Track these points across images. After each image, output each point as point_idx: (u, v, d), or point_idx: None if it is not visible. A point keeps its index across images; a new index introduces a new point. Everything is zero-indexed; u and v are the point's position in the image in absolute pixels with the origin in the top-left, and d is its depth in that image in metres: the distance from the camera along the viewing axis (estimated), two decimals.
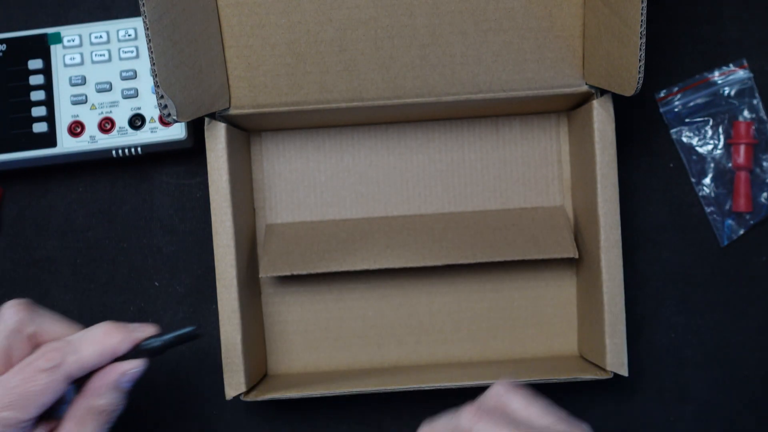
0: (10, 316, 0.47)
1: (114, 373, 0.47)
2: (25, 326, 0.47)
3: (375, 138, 0.63)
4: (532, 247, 0.59)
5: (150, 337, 0.49)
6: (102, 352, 0.47)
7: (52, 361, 0.45)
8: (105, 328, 0.48)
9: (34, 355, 0.46)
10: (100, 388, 0.47)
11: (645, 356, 0.63)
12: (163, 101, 0.50)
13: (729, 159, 0.63)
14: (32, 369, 0.45)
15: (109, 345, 0.47)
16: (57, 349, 0.46)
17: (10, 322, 0.47)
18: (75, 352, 0.46)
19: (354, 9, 0.55)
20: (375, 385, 0.56)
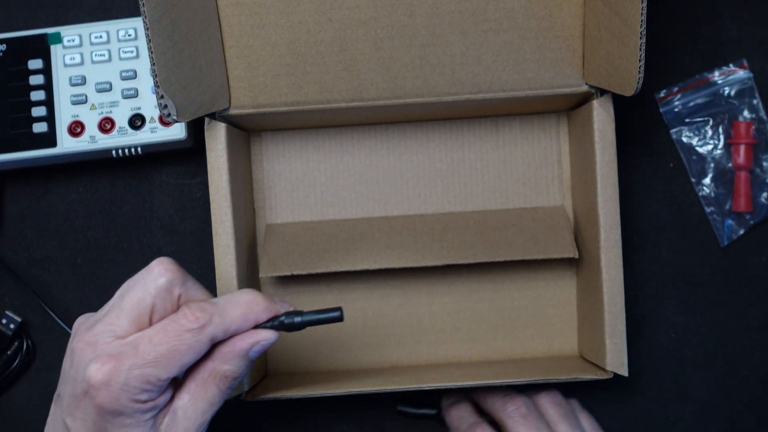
0: (160, 273, 0.46)
1: (248, 342, 0.47)
2: (174, 287, 0.46)
3: (375, 138, 0.63)
4: (532, 247, 0.59)
5: (288, 313, 0.48)
6: (246, 318, 0.46)
7: (198, 322, 0.45)
8: (251, 295, 0.47)
9: (180, 314, 0.45)
10: (230, 353, 0.46)
11: (645, 356, 0.63)
12: (163, 101, 0.50)
13: (729, 159, 0.63)
14: (178, 328, 0.44)
15: (253, 312, 0.47)
16: (204, 309, 0.45)
17: (161, 281, 0.46)
18: (221, 315, 0.46)
19: (354, 9, 0.55)
20: (375, 385, 0.56)
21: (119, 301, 0.46)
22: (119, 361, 0.43)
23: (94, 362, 0.43)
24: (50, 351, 0.63)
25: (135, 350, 0.44)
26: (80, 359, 0.45)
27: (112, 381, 0.43)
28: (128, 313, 0.45)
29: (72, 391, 0.45)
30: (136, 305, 0.45)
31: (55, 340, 0.63)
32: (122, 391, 0.43)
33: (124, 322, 0.45)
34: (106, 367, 0.43)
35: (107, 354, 0.44)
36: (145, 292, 0.45)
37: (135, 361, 0.43)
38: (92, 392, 0.43)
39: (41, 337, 0.63)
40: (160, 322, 0.45)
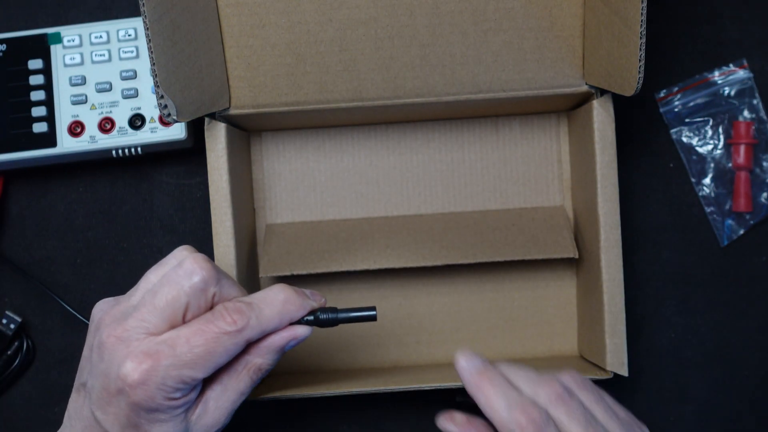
0: (194, 271, 0.45)
1: (284, 338, 0.47)
2: (209, 286, 0.45)
3: (375, 138, 0.63)
4: (532, 247, 0.59)
5: (323, 308, 0.48)
6: (282, 318, 0.46)
7: (236, 325, 0.44)
8: (285, 293, 0.47)
9: (217, 314, 0.45)
10: (266, 349, 0.47)
11: (645, 356, 0.63)
12: (163, 101, 0.50)
13: (729, 159, 0.63)
14: (216, 330, 0.44)
15: (288, 311, 0.47)
16: (241, 311, 0.45)
17: (196, 279, 0.45)
18: (257, 316, 0.45)
19: (354, 9, 0.55)
20: (375, 385, 0.56)
21: (151, 297, 0.45)
22: (156, 360, 0.43)
23: (130, 360, 0.43)
24: (50, 351, 0.63)
25: (172, 350, 0.43)
26: (112, 355, 0.44)
27: (149, 381, 0.43)
28: (162, 311, 0.44)
29: (103, 386, 0.44)
30: (170, 303, 0.45)
31: (55, 340, 0.63)
32: (158, 390, 0.43)
33: (157, 319, 0.44)
34: (143, 367, 0.43)
35: (143, 352, 0.43)
36: (179, 291, 0.45)
37: (172, 361, 0.43)
38: (128, 390, 0.43)
39: (41, 337, 0.63)
40: (197, 322, 0.45)
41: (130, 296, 0.47)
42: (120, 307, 0.46)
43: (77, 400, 0.47)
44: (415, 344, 0.62)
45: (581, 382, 0.47)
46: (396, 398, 0.62)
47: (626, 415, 0.48)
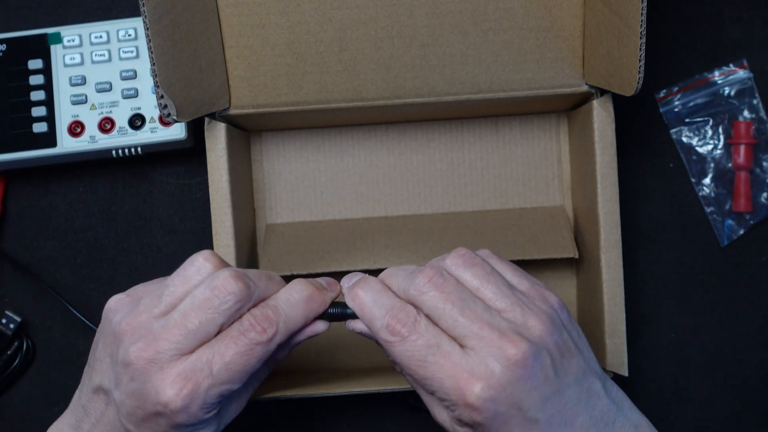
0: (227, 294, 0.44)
1: (306, 335, 0.48)
2: (244, 306, 0.45)
3: (375, 138, 0.63)
4: (532, 247, 0.59)
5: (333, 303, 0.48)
6: (306, 318, 0.47)
7: (266, 334, 0.44)
8: (307, 291, 0.47)
9: (246, 325, 0.45)
10: (289, 345, 0.48)
11: (645, 356, 0.63)
12: (163, 101, 0.50)
13: (729, 159, 0.63)
14: (248, 342, 0.44)
15: (312, 310, 0.47)
16: (270, 320, 0.45)
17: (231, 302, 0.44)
18: (285, 321, 0.46)
19: (354, 9, 0.55)
20: (375, 385, 0.56)
21: (182, 318, 0.44)
22: (196, 383, 0.43)
23: (170, 387, 0.43)
24: (50, 351, 0.63)
25: (210, 370, 0.43)
26: (146, 378, 0.44)
27: (192, 404, 0.43)
28: (195, 334, 0.44)
29: (137, 405, 0.44)
30: (204, 326, 0.44)
31: (55, 340, 0.63)
32: (200, 410, 0.44)
33: (189, 341, 0.44)
34: (185, 392, 0.43)
35: (181, 376, 0.43)
36: (214, 314, 0.44)
37: (211, 382, 0.43)
38: (169, 414, 0.43)
39: (41, 337, 0.63)
40: (229, 335, 0.44)
41: (152, 306, 0.46)
42: (142, 318, 0.45)
43: (96, 401, 0.47)
44: None
45: (468, 259, 0.46)
46: (396, 398, 0.62)
47: (530, 288, 0.46)
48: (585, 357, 0.45)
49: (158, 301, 0.46)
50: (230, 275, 0.45)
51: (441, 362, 0.43)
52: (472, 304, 0.44)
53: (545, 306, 0.45)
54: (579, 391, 0.44)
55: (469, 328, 0.43)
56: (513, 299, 0.44)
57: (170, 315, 0.44)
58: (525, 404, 0.42)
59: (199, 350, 0.44)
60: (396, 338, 0.44)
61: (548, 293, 0.46)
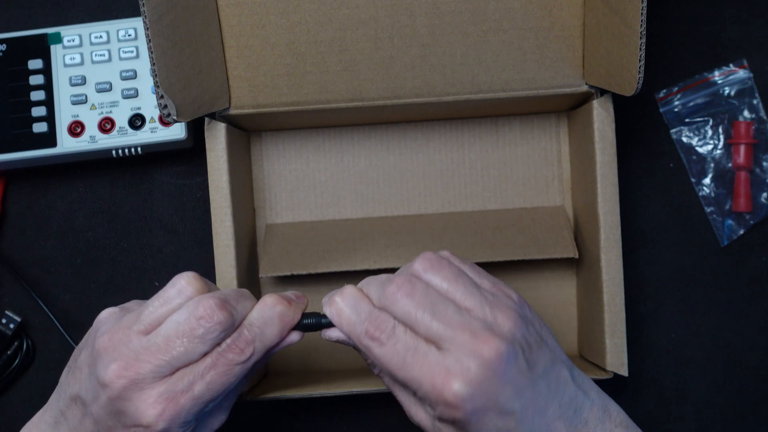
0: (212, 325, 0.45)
1: (280, 347, 0.49)
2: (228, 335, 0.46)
3: (375, 138, 0.63)
4: (532, 247, 0.59)
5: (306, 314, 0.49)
6: (282, 333, 0.48)
7: (244, 354, 0.46)
8: (279, 308, 0.48)
9: (225, 346, 0.46)
10: (265, 357, 0.48)
11: (645, 356, 0.63)
12: (163, 101, 0.50)
13: (729, 159, 0.63)
14: (227, 362, 0.46)
15: (285, 325, 0.48)
16: (248, 342, 0.46)
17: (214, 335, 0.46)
18: (262, 340, 0.47)
19: (354, 9, 0.55)
20: (375, 385, 0.56)
21: (166, 344, 0.45)
22: (177, 404, 0.45)
23: (151, 408, 0.44)
24: (50, 351, 0.63)
25: (190, 390, 0.45)
26: (125, 398, 0.45)
27: (173, 424, 0.45)
28: (177, 359, 0.45)
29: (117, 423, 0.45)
30: (186, 354, 0.45)
31: (55, 340, 0.63)
32: (181, 428, 0.45)
33: (173, 366, 0.45)
34: (167, 413, 0.44)
35: (163, 397, 0.45)
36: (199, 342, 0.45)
37: (192, 401, 0.45)
38: None
39: (41, 337, 0.63)
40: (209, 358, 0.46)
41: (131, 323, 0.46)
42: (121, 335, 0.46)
43: (74, 409, 0.48)
44: None
45: (435, 262, 0.47)
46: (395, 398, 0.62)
47: (492, 286, 0.47)
48: (550, 346, 0.47)
49: (137, 320, 0.46)
50: (216, 305, 0.46)
51: (419, 363, 0.44)
52: (443, 307, 0.45)
53: (509, 302, 0.47)
54: (548, 380, 0.46)
55: (442, 331, 0.44)
56: (481, 298, 0.46)
57: (152, 337, 0.45)
58: (501, 398, 0.43)
59: (180, 372, 0.45)
60: (375, 343, 0.45)
61: (509, 290, 0.48)
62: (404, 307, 0.45)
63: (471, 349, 0.43)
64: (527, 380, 0.45)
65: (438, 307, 0.45)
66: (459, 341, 0.44)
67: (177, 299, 0.47)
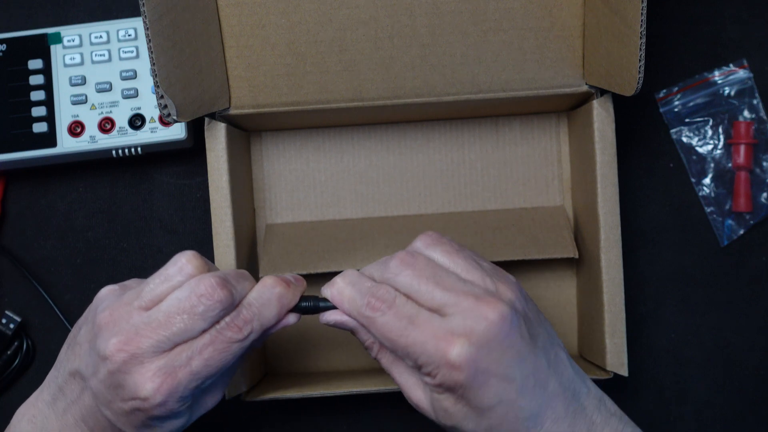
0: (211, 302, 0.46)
1: (277, 328, 0.49)
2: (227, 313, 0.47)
3: (375, 138, 0.63)
4: (532, 247, 0.59)
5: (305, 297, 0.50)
6: (280, 314, 0.49)
7: (242, 333, 0.46)
8: (278, 288, 0.48)
9: (224, 324, 0.46)
10: (262, 337, 0.49)
11: (645, 356, 0.63)
12: (163, 101, 0.50)
13: (729, 159, 0.63)
14: (225, 340, 0.46)
15: (284, 306, 0.49)
16: (246, 320, 0.47)
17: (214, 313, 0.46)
18: (260, 319, 0.47)
19: (354, 9, 0.55)
20: (375, 385, 0.56)
21: (165, 319, 0.45)
22: (175, 379, 0.45)
23: (150, 382, 0.45)
24: (50, 351, 0.63)
25: (188, 366, 0.45)
26: (125, 371, 0.45)
27: (170, 398, 0.45)
28: (176, 335, 0.45)
29: (116, 396, 0.46)
30: (185, 330, 0.46)
31: (55, 340, 0.63)
32: (177, 403, 0.46)
33: (173, 342, 0.46)
34: (164, 387, 0.45)
35: (161, 371, 0.45)
36: (199, 319, 0.46)
37: (190, 377, 0.45)
38: (147, 407, 0.45)
39: (41, 337, 0.63)
40: (208, 335, 0.46)
41: (132, 299, 0.47)
42: (122, 311, 0.46)
43: (73, 384, 0.48)
44: None
45: (436, 238, 0.48)
46: (396, 398, 0.62)
47: (490, 265, 0.48)
48: (548, 329, 0.48)
49: (138, 296, 0.47)
50: (216, 284, 0.46)
51: (421, 327, 0.45)
52: (446, 276, 0.46)
53: (509, 278, 0.48)
54: (548, 356, 0.46)
55: (446, 297, 0.45)
56: (482, 272, 0.47)
57: (153, 313, 0.46)
58: (503, 361, 0.44)
59: (178, 348, 0.46)
60: (377, 313, 0.46)
61: (507, 273, 0.49)
62: (406, 278, 0.46)
63: (475, 312, 0.44)
64: (529, 348, 0.45)
65: (441, 276, 0.46)
66: (463, 305, 0.44)
67: (177, 277, 0.47)
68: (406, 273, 0.46)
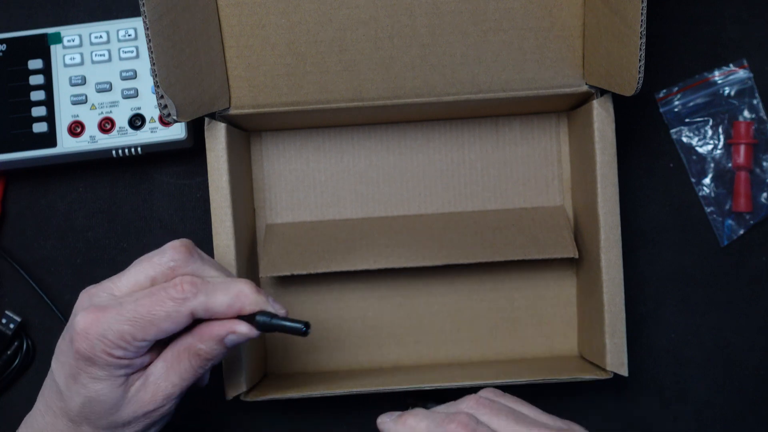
0: (168, 253, 0.48)
1: (224, 328, 0.48)
2: (179, 268, 0.48)
3: (375, 138, 0.63)
4: (532, 247, 0.59)
5: (267, 313, 0.49)
6: (231, 306, 0.48)
7: (183, 293, 0.46)
8: (243, 286, 0.48)
9: (171, 283, 0.47)
10: (207, 334, 0.48)
11: (645, 356, 0.63)
12: (163, 101, 0.50)
13: (729, 159, 0.63)
14: (163, 294, 0.46)
15: (239, 302, 0.48)
16: (194, 284, 0.47)
17: (165, 259, 0.48)
18: (207, 294, 0.47)
19: (354, 9, 0.55)
20: (375, 385, 0.56)
21: (128, 269, 0.49)
22: (102, 313, 0.46)
23: (83, 312, 0.46)
24: (50, 351, 0.63)
25: (119, 307, 0.46)
26: (76, 308, 0.48)
27: (91, 330, 0.46)
28: (129, 278, 0.48)
29: (63, 337, 0.48)
30: (138, 273, 0.48)
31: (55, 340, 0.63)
32: (98, 341, 0.46)
33: (124, 284, 0.47)
34: (89, 317, 0.46)
35: (96, 306, 0.47)
36: (149, 266, 0.48)
37: (116, 317, 0.46)
38: (75, 338, 0.46)
39: (41, 337, 0.63)
40: (152, 287, 0.47)
41: None
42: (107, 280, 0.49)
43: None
44: (415, 344, 0.62)
45: (500, 392, 0.49)
46: (396, 398, 0.62)
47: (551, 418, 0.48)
48: None
49: None
50: (182, 243, 0.48)
51: None
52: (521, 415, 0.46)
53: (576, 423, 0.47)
54: None
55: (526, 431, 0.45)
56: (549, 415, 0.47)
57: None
58: None
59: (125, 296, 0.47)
60: None
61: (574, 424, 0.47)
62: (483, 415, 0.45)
63: None
64: None
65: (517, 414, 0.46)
66: None
67: None
68: (483, 411, 0.45)
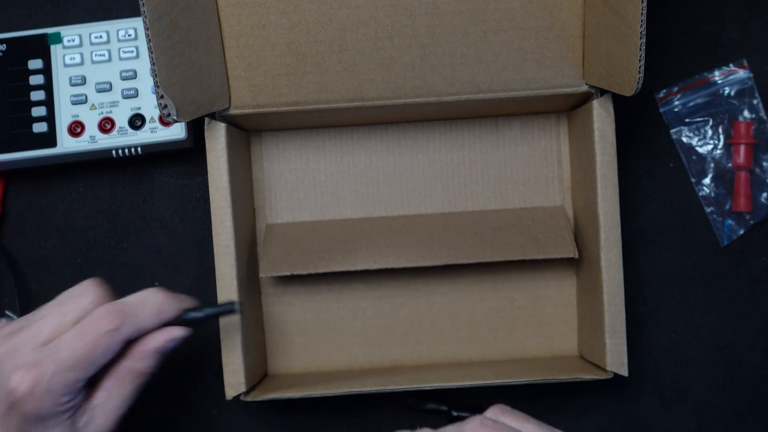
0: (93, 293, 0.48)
1: (161, 339, 0.49)
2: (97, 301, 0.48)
3: (375, 138, 0.63)
4: (532, 247, 0.59)
5: (191, 309, 0.50)
6: (157, 318, 0.49)
7: (113, 323, 0.46)
8: (159, 294, 0.49)
9: (96, 315, 0.47)
10: (145, 352, 0.48)
11: (645, 356, 0.63)
12: (163, 101, 0.50)
13: (729, 159, 0.63)
14: (95, 331, 0.46)
15: (163, 311, 0.49)
16: (119, 311, 0.47)
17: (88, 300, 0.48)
18: (134, 316, 0.48)
19: (354, 9, 0.55)
20: (375, 385, 0.56)
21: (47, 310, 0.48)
22: (41, 368, 0.45)
23: (18, 372, 0.45)
24: None
25: (56, 356, 0.45)
26: (2, 370, 0.46)
27: (36, 389, 0.45)
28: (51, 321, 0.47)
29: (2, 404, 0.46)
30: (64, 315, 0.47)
31: None
32: (46, 397, 0.45)
33: (48, 328, 0.46)
34: (29, 377, 0.45)
35: (30, 363, 0.45)
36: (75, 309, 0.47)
37: (57, 367, 0.45)
38: (18, 403, 0.45)
39: None
40: (78, 325, 0.46)
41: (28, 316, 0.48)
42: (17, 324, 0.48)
43: None
44: (415, 344, 0.62)
45: (507, 410, 0.49)
46: (396, 398, 0.62)
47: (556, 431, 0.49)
48: None
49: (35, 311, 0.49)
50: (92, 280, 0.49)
51: None
52: None
53: None
54: None
55: None
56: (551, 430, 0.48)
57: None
58: None
59: (51, 342, 0.46)
60: None
61: None
62: None
63: None
64: None
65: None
66: None
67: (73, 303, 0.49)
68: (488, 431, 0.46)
